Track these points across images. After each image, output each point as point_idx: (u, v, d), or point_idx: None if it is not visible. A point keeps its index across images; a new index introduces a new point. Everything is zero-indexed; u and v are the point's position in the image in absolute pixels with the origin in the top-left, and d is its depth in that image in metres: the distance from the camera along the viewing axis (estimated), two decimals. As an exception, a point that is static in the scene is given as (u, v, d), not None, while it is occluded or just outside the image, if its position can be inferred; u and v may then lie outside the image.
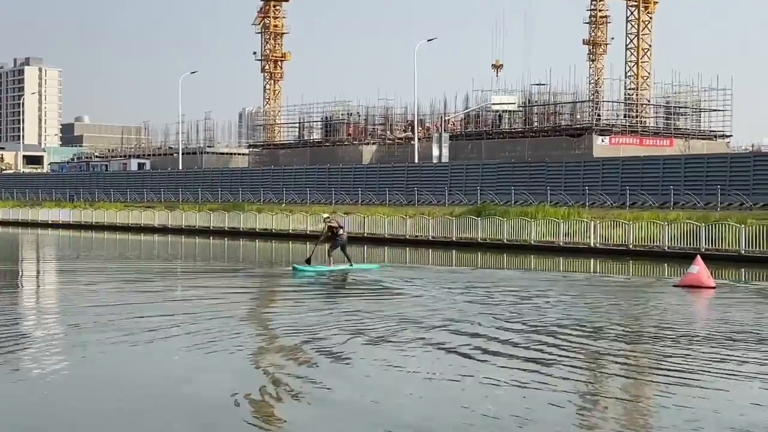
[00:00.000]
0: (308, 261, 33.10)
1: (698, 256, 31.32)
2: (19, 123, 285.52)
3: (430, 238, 52.81)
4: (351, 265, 33.30)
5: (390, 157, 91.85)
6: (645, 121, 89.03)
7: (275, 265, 40.78)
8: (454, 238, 51.55)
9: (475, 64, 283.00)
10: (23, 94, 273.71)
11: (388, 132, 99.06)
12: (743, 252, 39.95)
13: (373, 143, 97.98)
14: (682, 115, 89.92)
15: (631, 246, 43.98)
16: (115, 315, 22.33)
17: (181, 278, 35.75)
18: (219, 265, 42.57)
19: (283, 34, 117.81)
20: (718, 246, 40.77)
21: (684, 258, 36.53)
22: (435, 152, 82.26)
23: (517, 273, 37.56)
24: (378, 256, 47.21)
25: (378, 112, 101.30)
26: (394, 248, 51.06)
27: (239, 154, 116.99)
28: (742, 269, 36.59)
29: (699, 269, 29.41)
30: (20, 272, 40.49)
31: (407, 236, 54.06)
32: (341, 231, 33.44)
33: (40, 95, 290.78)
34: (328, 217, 35.03)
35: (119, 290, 29.61)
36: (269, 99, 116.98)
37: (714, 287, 28.53)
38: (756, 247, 39.93)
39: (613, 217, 48.73)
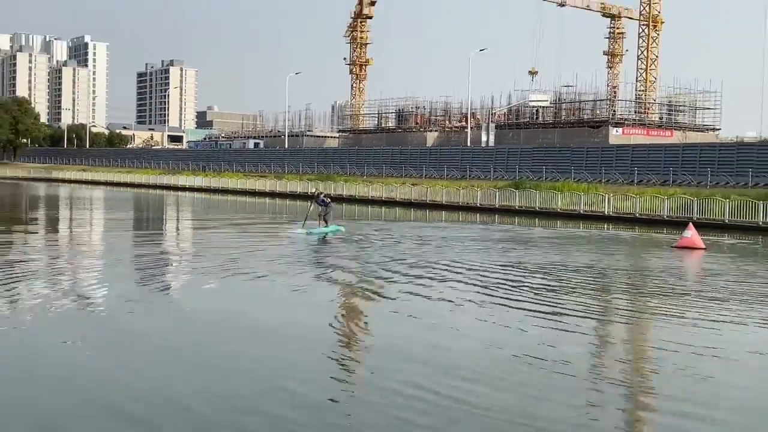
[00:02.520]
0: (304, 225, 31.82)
1: (691, 224, 30.79)
2: (164, 110, 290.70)
3: (477, 204, 52.46)
4: (327, 226, 31.46)
5: (448, 141, 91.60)
6: (651, 116, 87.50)
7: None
8: (496, 205, 51.15)
9: (517, 68, 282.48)
10: (168, 88, 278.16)
11: (447, 122, 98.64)
12: (727, 221, 39.26)
13: (435, 130, 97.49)
14: (680, 112, 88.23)
15: (637, 215, 43.47)
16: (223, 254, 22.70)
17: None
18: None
19: (367, 44, 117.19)
20: (707, 216, 40.11)
21: (679, 225, 35.88)
22: (483, 138, 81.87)
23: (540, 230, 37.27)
24: (437, 216, 47.03)
25: (439, 106, 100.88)
26: (450, 212, 50.75)
27: (331, 137, 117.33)
28: (726, 234, 35.83)
29: (692, 234, 28.98)
30: (163, 221, 41.44)
31: (460, 203, 53.77)
32: (329, 200, 32.01)
33: (180, 89, 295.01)
34: (319, 192, 32.87)
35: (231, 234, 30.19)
36: (355, 95, 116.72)
37: (704, 248, 28.11)
38: (737, 218, 39.31)
39: (623, 191, 48.14)
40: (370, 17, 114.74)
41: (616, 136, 77.70)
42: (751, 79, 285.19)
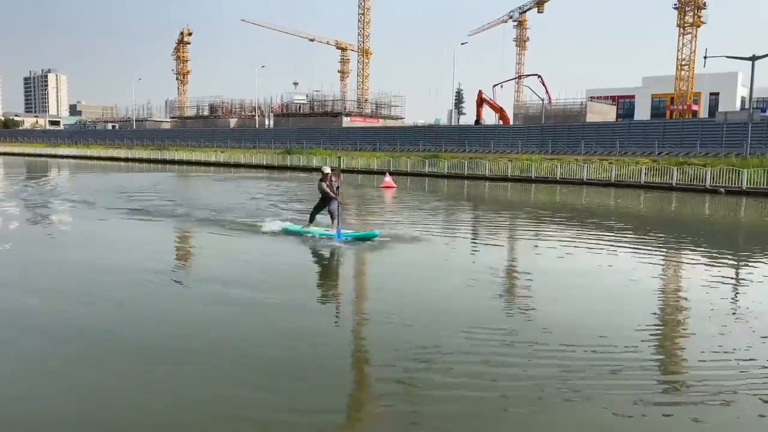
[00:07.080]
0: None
1: (387, 173, 31.50)
2: (45, 103, 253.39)
3: (264, 164, 50.54)
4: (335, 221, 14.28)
5: (244, 125, 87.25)
6: (366, 110, 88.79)
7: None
8: (276, 165, 49.64)
9: (286, 80, 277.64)
10: (47, 89, 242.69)
11: (243, 112, 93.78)
12: (409, 171, 40.46)
13: (234, 117, 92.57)
14: (382, 107, 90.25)
15: (359, 168, 43.57)
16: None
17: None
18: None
19: (187, 61, 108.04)
20: (399, 169, 41.11)
21: (381, 173, 36.36)
22: (266, 123, 79.28)
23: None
24: (237, 172, 44.78)
25: (237, 101, 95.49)
26: (246, 170, 48.48)
27: (166, 121, 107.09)
28: (409, 179, 36.93)
29: (389, 179, 29.69)
30: (45, 176, 35.86)
31: (253, 164, 51.44)
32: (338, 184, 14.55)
33: (57, 89, 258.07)
34: (331, 174, 14.70)
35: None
36: (182, 94, 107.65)
37: (395, 186, 28.83)
38: (415, 169, 40.61)
39: (352, 155, 48.29)
40: (189, 43, 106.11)
41: (346, 122, 78.10)
42: (425, 86, 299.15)
